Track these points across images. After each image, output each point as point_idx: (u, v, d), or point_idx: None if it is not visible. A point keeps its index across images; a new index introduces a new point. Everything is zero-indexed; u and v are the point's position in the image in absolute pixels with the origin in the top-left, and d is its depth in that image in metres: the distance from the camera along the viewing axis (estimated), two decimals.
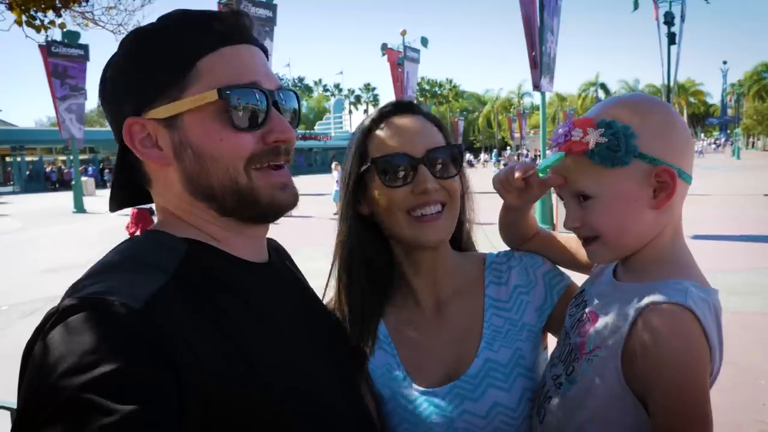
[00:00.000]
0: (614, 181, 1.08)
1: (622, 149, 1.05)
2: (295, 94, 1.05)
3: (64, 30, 16.57)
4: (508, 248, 1.46)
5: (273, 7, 16.42)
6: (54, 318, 0.76)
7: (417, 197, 1.24)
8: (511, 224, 1.39)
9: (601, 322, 1.10)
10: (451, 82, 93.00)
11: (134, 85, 0.94)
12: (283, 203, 0.99)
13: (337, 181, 17.21)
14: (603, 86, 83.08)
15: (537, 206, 13.28)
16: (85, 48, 20.58)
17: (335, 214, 1.45)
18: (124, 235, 8.67)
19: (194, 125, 0.93)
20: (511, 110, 77.81)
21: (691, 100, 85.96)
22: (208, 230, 0.98)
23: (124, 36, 0.98)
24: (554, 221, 11.57)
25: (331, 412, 0.97)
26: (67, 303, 0.77)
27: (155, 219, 1.05)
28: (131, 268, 0.86)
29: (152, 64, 0.93)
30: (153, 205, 1.04)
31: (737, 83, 76.76)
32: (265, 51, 1.04)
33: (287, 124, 0.98)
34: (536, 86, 12.36)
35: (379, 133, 1.29)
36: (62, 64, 20.23)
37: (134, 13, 9.77)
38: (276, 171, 0.99)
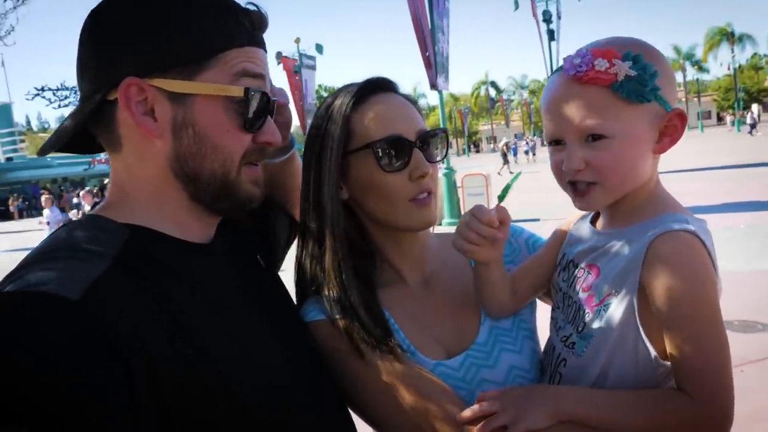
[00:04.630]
0: (632, 120, 1.03)
1: (650, 85, 1.00)
2: None
3: None
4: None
5: None
6: None
7: (416, 183, 1.21)
8: (493, 283, 1.23)
9: (605, 270, 1.08)
10: None
11: (148, 46, 0.89)
12: (254, 197, 1.02)
13: None
14: (494, 84, 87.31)
15: (444, 200, 13.51)
16: None
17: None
18: None
19: (205, 110, 0.92)
20: None
21: None
22: (166, 211, 0.95)
23: None
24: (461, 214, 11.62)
25: (281, 384, 0.96)
26: None
27: None
28: (69, 255, 0.82)
29: (178, 35, 0.89)
30: None
31: None
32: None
33: (276, 129, 1.02)
34: (433, 85, 12.58)
35: (369, 113, 1.21)
36: None
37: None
38: (254, 167, 1.01)
